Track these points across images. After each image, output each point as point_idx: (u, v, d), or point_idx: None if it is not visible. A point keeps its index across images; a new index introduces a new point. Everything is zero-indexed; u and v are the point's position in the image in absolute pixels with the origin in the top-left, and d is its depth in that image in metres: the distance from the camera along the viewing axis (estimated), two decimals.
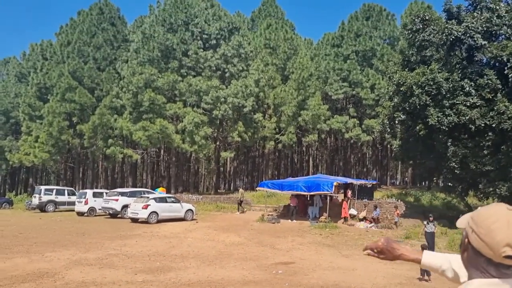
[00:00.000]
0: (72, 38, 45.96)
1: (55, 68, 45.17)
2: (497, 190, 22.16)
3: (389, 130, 27.76)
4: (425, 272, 11.55)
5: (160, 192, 31.13)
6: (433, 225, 15.81)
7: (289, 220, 24.27)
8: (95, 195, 29.43)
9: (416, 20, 25.55)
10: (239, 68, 40.53)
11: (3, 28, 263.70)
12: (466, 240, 1.38)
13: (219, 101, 38.48)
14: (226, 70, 40.23)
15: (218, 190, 54.64)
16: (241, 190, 32.26)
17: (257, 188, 29.00)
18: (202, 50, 39.92)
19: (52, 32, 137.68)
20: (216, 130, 43.32)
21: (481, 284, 1.31)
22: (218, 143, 46.96)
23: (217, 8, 42.20)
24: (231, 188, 55.79)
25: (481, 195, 25.21)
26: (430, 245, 15.37)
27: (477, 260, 1.33)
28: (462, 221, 1.45)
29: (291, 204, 25.85)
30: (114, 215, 26.91)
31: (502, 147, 22.71)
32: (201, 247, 16.13)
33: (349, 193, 26.29)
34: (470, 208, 28.02)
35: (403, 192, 37.65)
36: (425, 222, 16.17)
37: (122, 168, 56.73)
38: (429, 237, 15.53)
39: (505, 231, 1.27)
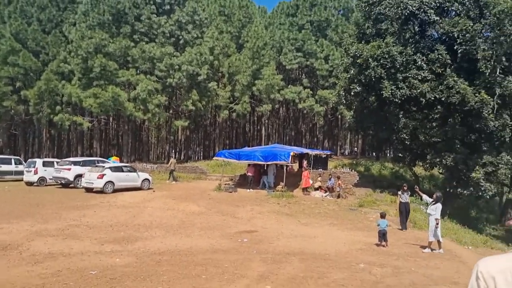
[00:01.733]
0: None
1: None
2: (443, 160, 23.39)
3: (344, 102, 28.38)
4: (382, 238, 12.17)
5: (114, 161, 30.45)
6: (407, 195, 16.19)
7: (246, 190, 24.53)
8: (45, 164, 28.29)
9: None
10: (193, 35, 39.68)
11: None
12: None
13: (173, 69, 37.65)
14: (180, 37, 39.28)
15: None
16: (172, 159, 32.47)
17: (214, 158, 28.97)
18: (155, 15, 38.65)
19: None
20: (169, 98, 42.55)
21: None
22: (171, 111, 46.23)
23: None
24: (183, 157, 55.45)
25: (428, 166, 26.56)
26: (404, 215, 16.02)
27: None
28: None
29: (248, 174, 26.10)
30: (66, 185, 26.08)
31: (449, 119, 23.93)
32: (163, 216, 16.10)
33: (305, 163, 26.85)
34: (417, 178, 29.55)
35: (354, 162, 38.92)
36: (399, 192, 16.54)
37: (68, 136, 54.83)
38: (403, 207, 16.03)
39: None
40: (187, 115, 43.27)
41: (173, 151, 55.78)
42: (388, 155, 46.38)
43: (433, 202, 11.99)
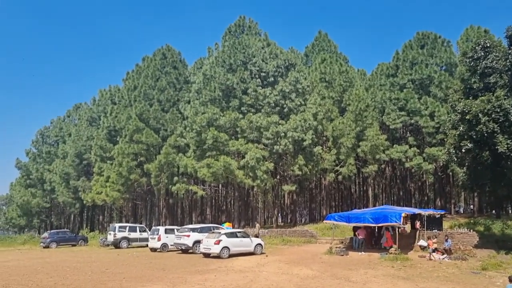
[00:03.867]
0: (138, 83, 49.20)
1: (123, 111, 48.34)
2: None
3: (455, 159, 27.53)
4: None
5: (227, 227, 32.17)
6: None
7: (358, 253, 24.42)
8: (167, 231, 30.89)
9: (477, 47, 25.70)
10: (297, 103, 41.61)
11: (74, 76, 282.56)
12: None
13: (279, 136, 39.58)
14: (285, 105, 41.41)
15: (278, 223, 55.19)
16: (257, 225, 33.91)
17: (324, 221, 29.37)
18: (260, 87, 41.43)
19: (119, 78, 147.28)
20: (276, 164, 44.34)
21: None
22: (278, 176, 47.83)
23: (273, 46, 43.91)
24: (290, 220, 56.18)
25: None
26: None
27: None
28: None
29: (359, 236, 26.01)
30: (185, 250, 28.08)
31: None
32: (278, 280, 16.72)
33: (418, 224, 26.12)
34: None
35: (471, 221, 36.61)
36: None
37: (182, 204, 58.72)
38: None
39: None
40: (294, 180, 44.46)
41: (258, 216, 57.13)
42: (510, 212, 42.87)
43: None
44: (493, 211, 41.99)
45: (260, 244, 26.39)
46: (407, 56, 46.16)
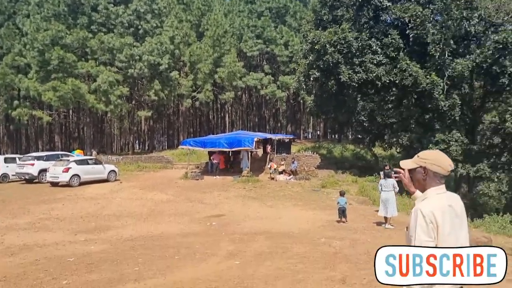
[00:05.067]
0: None
1: None
2: (399, 140, 24.64)
3: (304, 87, 29.19)
4: (342, 215, 13.01)
5: (78, 155, 30.31)
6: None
7: (213, 177, 25.08)
8: (6, 160, 27.87)
9: None
10: (153, 24, 39.57)
11: None
12: (426, 170, 2.58)
13: (133, 59, 37.52)
14: (140, 26, 39.10)
15: (135, 150, 54.02)
16: (94, 152, 34.02)
17: (180, 147, 29.34)
18: (112, 5, 38.25)
19: None
20: (131, 89, 42.35)
21: (435, 188, 2.56)
22: (133, 102, 46.00)
23: None
24: (148, 147, 55.36)
25: (386, 145, 27.85)
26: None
27: (435, 178, 2.57)
28: (407, 163, 2.74)
29: (213, 161, 26.62)
30: (30, 180, 25.85)
31: (404, 101, 25.13)
32: (131, 206, 16.46)
33: (269, 148, 27.57)
34: (376, 158, 30.83)
35: (316, 145, 40.05)
36: (381, 173, 15.77)
37: (26, 131, 53.68)
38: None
39: (445, 158, 2.58)
40: (150, 106, 43.22)
41: (113, 143, 55.74)
42: (349, 137, 47.79)
43: (384, 177, 12.76)
44: (335, 136, 46.34)
45: (114, 170, 25.42)
46: None
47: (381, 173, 13.24)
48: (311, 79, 27.00)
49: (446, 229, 2.43)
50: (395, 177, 3.03)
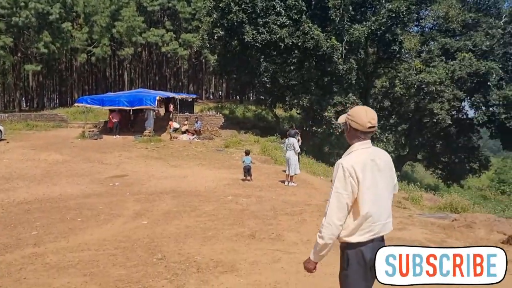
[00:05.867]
0: None
1: None
2: (300, 101, 25.49)
3: (208, 46, 28.72)
4: (247, 174, 13.27)
5: None
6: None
7: (113, 136, 24.05)
8: None
9: None
10: None
11: None
12: (349, 126, 2.68)
13: (18, 6, 33.85)
14: None
15: (22, 108, 49.69)
16: None
17: (75, 104, 27.53)
18: None
19: None
20: (16, 40, 38.40)
21: (359, 143, 2.66)
22: (19, 54, 41.91)
23: None
24: (37, 105, 51.31)
25: (287, 107, 28.66)
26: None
27: (356, 133, 2.66)
28: (341, 119, 2.79)
29: (113, 120, 25.44)
30: None
31: (305, 63, 25.89)
32: (22, 167, 15.22)
33: (171, 107, 26.98)
34: (277, 119, 31.69)
35: (219, 105, 40.05)
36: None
37: None
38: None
39: (365, 115, 2.62)
40: (39, 59, 39.74)
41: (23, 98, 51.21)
42: (251, 98, 48.45)
43: (287, 137, 13.27)
44: (237, 97, 46.68)
45: None
46: None
47: (288, 133, 13.72)
48: (215, 37, 26.62)
49: (366, 183, 2.53)
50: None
